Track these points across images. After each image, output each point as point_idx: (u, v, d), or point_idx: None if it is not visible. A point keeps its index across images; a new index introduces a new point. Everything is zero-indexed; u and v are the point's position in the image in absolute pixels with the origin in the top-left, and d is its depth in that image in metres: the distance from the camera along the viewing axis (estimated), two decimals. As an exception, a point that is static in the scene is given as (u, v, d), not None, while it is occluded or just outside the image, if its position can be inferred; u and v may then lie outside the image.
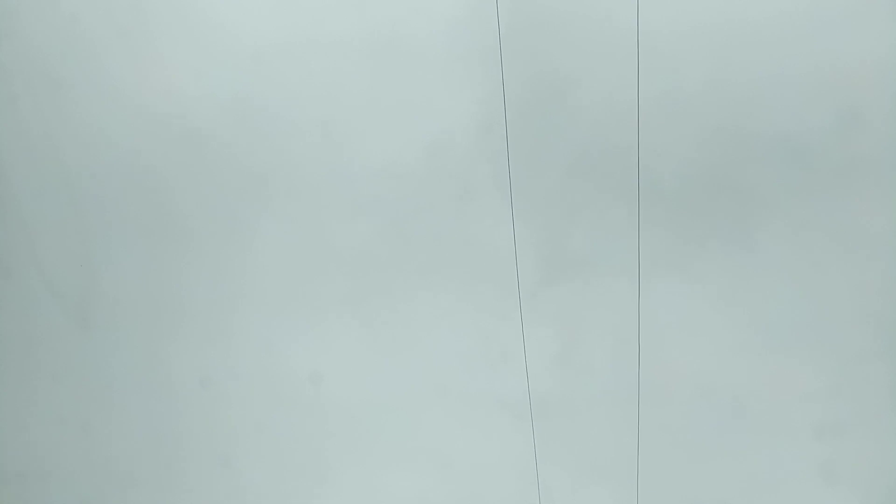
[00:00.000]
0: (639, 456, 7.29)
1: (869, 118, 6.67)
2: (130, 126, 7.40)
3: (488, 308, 7.34)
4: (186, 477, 7.85)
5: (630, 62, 6.73)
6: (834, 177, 6.79)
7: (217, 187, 7.41)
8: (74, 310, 7.68)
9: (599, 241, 7.13)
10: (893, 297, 6.93)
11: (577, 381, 7.36)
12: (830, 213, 6.86)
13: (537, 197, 7.09)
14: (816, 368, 7.06)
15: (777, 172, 6.86)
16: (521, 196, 7.04)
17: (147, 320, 7.69)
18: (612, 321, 7.24)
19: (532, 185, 7.08)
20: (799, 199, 6.87)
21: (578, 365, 7.36)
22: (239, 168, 7.37)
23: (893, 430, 7.07)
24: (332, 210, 7.36)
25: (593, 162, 7.02)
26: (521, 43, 6.83)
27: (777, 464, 7.24)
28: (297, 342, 7.57)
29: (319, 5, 7.05)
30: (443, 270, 7.34)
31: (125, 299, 7.65)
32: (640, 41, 6.69)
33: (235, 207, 7.46)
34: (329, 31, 7.03)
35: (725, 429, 7.27)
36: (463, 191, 7.20)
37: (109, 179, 7.48)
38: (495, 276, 7.27)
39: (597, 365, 7.34)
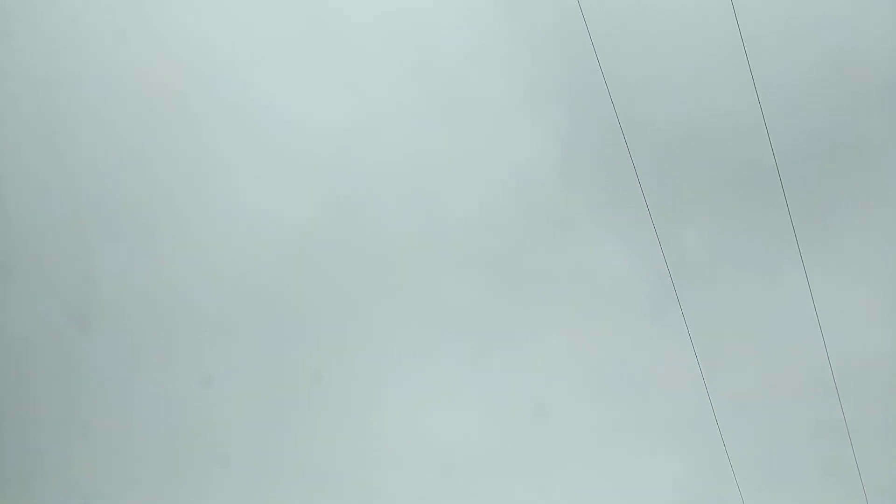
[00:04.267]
0: (855, 455, 7.14)
1: None
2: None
3: (617, 331, 7.30)
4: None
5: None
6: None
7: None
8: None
9: (712, 240, 6.98)
10: None
11: (725, 388, 7.28)
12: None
13: (637, 213, 6.98)
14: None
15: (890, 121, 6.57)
16: (619, 216, 6.94)
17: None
18: (746, 320, 7.13)
19: (625, 204, 6.97)
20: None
21: (723, 372, 7.29)
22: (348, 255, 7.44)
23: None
24: (438, 269, 7.37)
25: (681, 162, 6.91)
26: (566, 48, 6.74)
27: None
28: (427, 402, 7.59)
29: (377, 80, 7.05)
30: (560, 306, 7.29)
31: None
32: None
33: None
34: (396, 102, 7.04)
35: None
36: (558, 224, 7.14)
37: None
38: (613, 300, 7.21)
39: (741, 368, 7.27)
